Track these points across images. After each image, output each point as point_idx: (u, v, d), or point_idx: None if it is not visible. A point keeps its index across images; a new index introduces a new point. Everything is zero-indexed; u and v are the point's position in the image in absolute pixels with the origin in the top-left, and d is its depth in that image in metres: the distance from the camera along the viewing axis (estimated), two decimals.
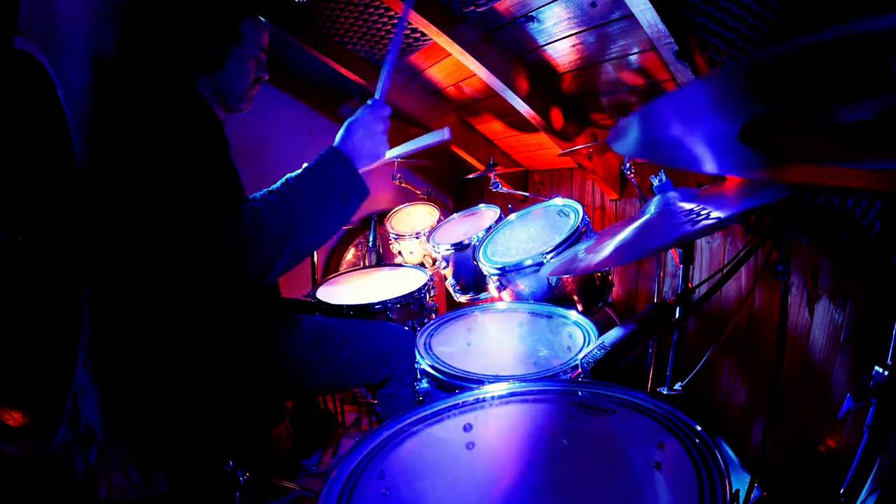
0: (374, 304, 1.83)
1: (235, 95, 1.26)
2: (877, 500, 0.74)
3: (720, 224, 0.83)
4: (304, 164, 1.15)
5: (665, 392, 1.08)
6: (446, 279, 2.15)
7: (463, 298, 2.10)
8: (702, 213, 0.91)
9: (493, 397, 0.87)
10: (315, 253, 2.71)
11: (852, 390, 0.78)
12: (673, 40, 1.34)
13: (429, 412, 0.83)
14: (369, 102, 1.18)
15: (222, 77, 1.22)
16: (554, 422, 0.81)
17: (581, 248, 1.23)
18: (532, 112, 2.06)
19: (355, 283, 2.14)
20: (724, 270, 0.84)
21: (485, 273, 1.74)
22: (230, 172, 1.12)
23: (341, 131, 1.17)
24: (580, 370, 0.86)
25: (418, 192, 2.98)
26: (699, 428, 0.67)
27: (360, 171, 1.14)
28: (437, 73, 2.41)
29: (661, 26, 1.31)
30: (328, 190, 1.10)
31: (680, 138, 0.61)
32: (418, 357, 1.21)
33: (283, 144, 3.13)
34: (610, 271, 1.69)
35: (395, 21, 1.56)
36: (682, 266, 1.06)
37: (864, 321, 1.36)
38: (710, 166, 0.63)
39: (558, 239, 1.59)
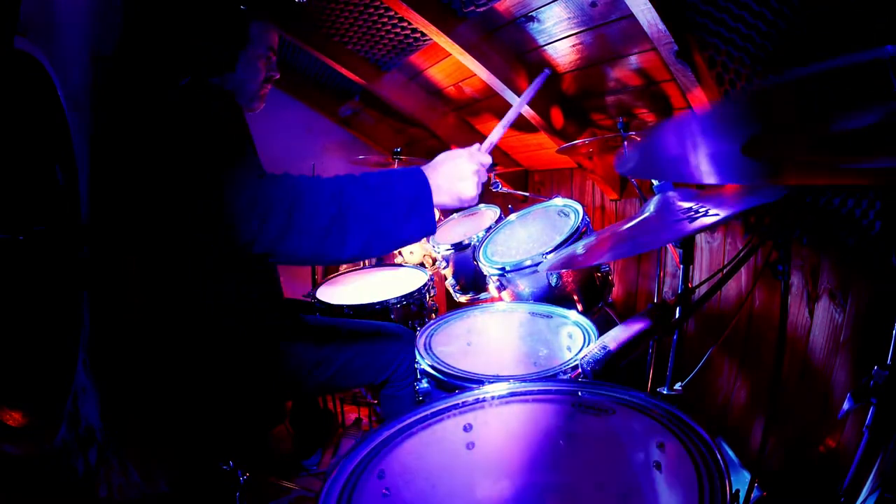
0: (374, 304, 1.83)
1: (247, 95, 1.27)
2: (877, 500, 0.74)
3: (718, 221, 0.83)
4: None
5: (665, 392, 1.09)
6: (446, 279, 2.15)
7: (463, 298, 2.10)
8: (700, 210, 0.91)
9: (493, 397, 0.87)
10: None
11: (852, 390, 0.78)
12: (673, 40, 1.35)
13: (429, 412, 0.83)
14: (475, 147, 1.10)
15: (233, 78, 1.23)
16: (554, 422, 0.81)
17: (579, 245, 1.23)
18: (532, 112, 2.06)
19: (355, 283, 2.14)
20: (724, 270, 0.85)
21: (485, 273, 1.74)
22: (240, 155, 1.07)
23: (434, 160, 1.07)
24: (580, 370, 0.86)
25: None
26: (699, 428, 0.67)
27: (433, 204, 1.02)
28: (437, 73, 2.41)
29: (662, 26, 1.31)
30: (387, 195, 0.98)
31: (680, 157, 0.62)
32: (418, 357, 1.21)
33: (282, 144, 3.13)
34: (610, 271, 1.69)
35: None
36: (682, 266, 1.06)
37: (864, 321, 1.36)
38: (711, 178, 0.63)
39: (558, 239, 1.59)
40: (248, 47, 1.22)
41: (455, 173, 1.04)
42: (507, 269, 1.62)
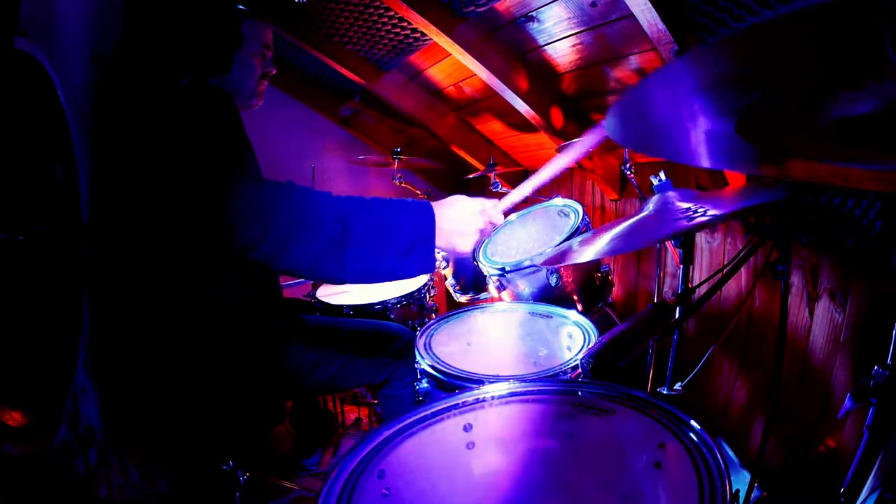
0: (374, 304, 1.83)
1: (246, 93, 1.28)
2: (877, 500, 0.74)
3: (716, 220, 0.83)
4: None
5: (665, 392, 1.08)
6: (446, 279, 2.15)
7: (463, 298, 2.10)
8: (699, 210, 0.91)
9: (493, 397, 0.87)
10: None
11: (852, 390, 0.78)
12: (673, 40, 1.34)
13: (429, 412, 0.83)
14: (492, 203, 1.08)
15: (230, 79, 1.24)
16: (554, 422, 0.81)
17: (576, 240, 1.23)
18: (532, 112, 2.06)
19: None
20: (724, 270, 0.84)
21: (485, 273, 1.74)
22: (239, 157, 1.08)
23: (446, 200, 1.06)
24: (580, 370, 0.86)
25: (418, 192, 2.97)
26: (699, 428, 0.67)
27: (434, 244, 1.01)
28: (437, 73, 2.41)
29: (662, 26, 1.31)
30: (394, 232, 0.97)
31: (673, 128, 0.62)
32: (418, 357, 1.21)
33: (282, 144, 3.13)
34: (610, 271, 1.69)
35: None
36: (682, 266, 1.06)
37: (864, 321, 1.36)
38: (705, 160, 0.63)
39: (558, 239, 1.58)
40: (242, 46, 1.22)
41: (458, 225, 1.03)
42: (507, 269, 1.62)
